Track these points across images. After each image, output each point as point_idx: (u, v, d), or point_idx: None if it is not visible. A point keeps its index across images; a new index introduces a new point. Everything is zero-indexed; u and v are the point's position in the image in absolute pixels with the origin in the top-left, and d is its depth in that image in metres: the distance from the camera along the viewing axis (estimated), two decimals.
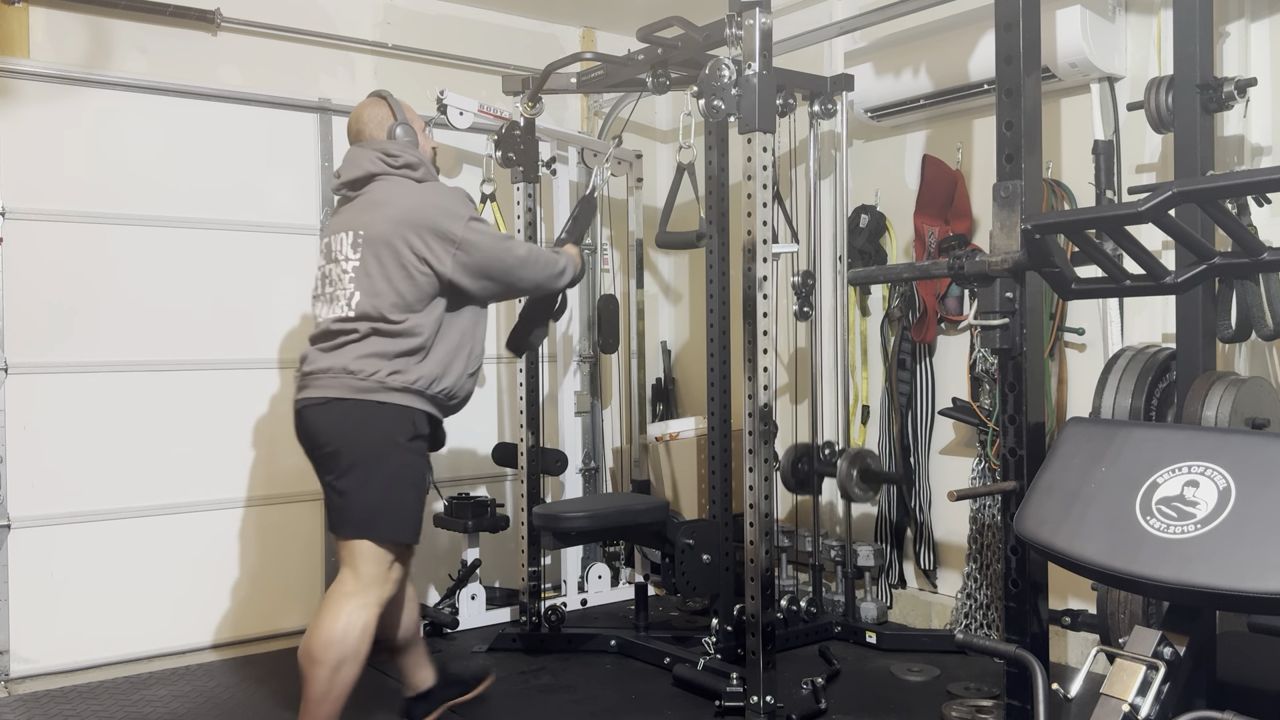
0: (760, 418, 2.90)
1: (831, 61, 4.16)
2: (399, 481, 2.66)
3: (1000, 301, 2.42)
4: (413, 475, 2.69)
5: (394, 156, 2.76)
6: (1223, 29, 2.99)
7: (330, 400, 2.62)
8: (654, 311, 5.02)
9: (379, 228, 2.66)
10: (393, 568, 2.69)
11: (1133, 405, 2.61)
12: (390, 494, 2.64)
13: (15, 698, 3.39)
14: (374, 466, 2.62)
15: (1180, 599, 1.68)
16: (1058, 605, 3.06)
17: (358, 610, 2.60)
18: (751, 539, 2.93)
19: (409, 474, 2.68)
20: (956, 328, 3.79)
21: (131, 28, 3.73)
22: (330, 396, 2.62)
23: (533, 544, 3.81)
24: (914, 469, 3.90)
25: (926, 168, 3.80)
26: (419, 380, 2.64)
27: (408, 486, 2.68)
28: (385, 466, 2.63)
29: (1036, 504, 1.84)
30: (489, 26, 4.57)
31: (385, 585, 2.67)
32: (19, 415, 3.49)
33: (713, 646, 3.41)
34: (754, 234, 2.91)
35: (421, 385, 2.65)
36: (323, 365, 2.65)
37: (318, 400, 2.65)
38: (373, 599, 2.63)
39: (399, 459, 2.64)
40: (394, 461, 2.63)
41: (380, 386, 2.60)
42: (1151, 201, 1.69)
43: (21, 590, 3.48)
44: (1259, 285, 2.65)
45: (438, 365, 2.69)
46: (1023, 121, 2.49)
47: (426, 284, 2.66)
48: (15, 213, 3.50)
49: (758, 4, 2.86)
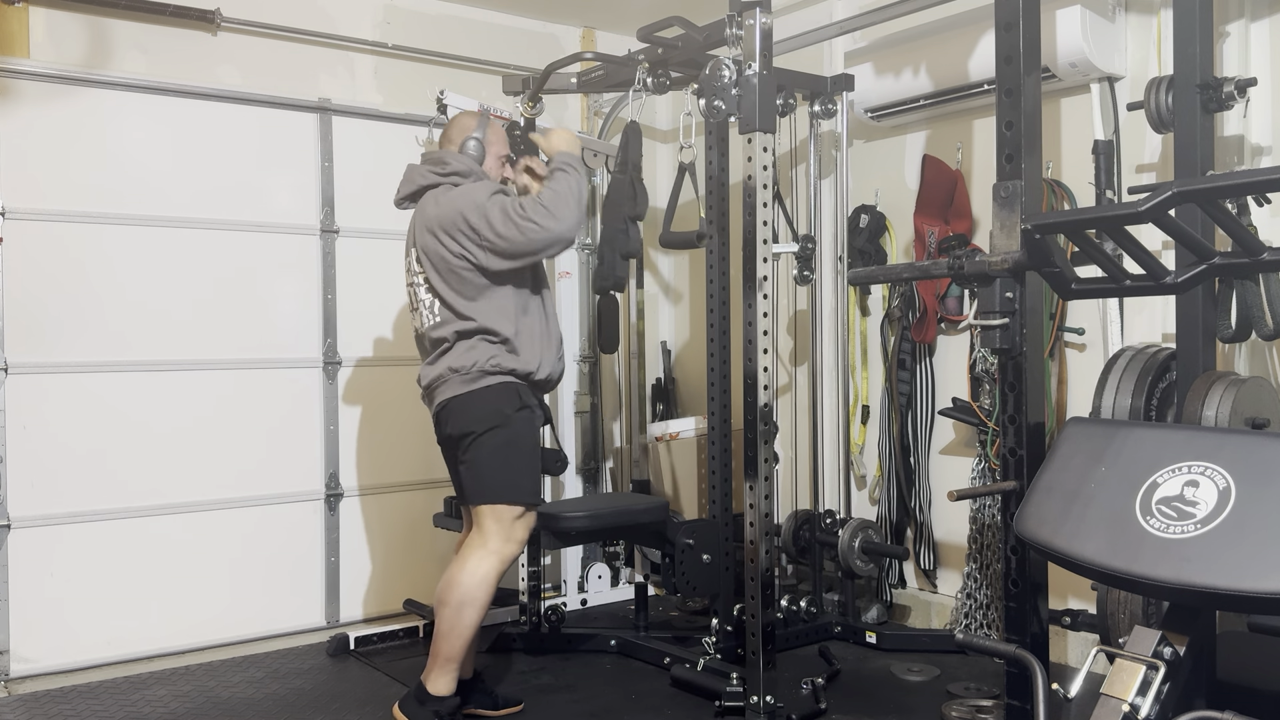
0: (760, 418, 2.91)
1: (831, 61, 4.16)
2: (509, 448, 2.91)
3: (1000, 301, 2.42)
4: (522, 442, 2.94)
5: (444, 165, 2.97)
6: (1223, 29, 2.98)
7: (450, 400, 2.92)
8: (654, 311, 5.02)
9: (425, 238, 2.93)
10: (514, 527, 2.91)
11: (1133, 405, 2.61)
12: (503, 461, 2.90)
13: (15, 698, 3.39)
14: (487, 440, 2.89)
15: (1180, 599, 1.68)
16: (1058, 605, 3.06)
17: (480, 560, 2.87)
18: (751, 539, 2.93)
19: (520, 441, 2.93)
20: (956, 328, 3.79)
21: (131, 28, 3.73)
22: (449, 396, 2.92)
23: (533, 544, 3.80)
24: (914, 469, 3.90)
25: (926, 168, 3.80)
26: (515, 369, 2.91)
27: (517, 453, 2.93)
28: (496, 438, 2.89)
29: (1036, 504, 1.84)
30: (489, 26, 4.57)
31: (509, 544, 2.91)
32: (19, 415, 3.49)
33: (713, 646, 3.41)
34: (754, 234, 2.91)
35: (521, 372, 2.92)
36: (433, 375, 2.95)
37: (441, 404, 2.95)
38: (492, 550, 2.88)
39: (508, 430, 2.90)
40: (504, 433, 2.89)
41: (482, 374, 2.89)
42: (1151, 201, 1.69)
43: (21, 590, 3.48)
44: (1259, 285, 2.65)
45: (528, 351, 2.93)
46: (1023, 121, 2.49)
47: (474, 277, 2.89)
48: (15, 213, 3.50)
49: (758, 4, 2.86)
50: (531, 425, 2.98)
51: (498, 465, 2.90)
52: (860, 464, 4.10)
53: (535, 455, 2.99)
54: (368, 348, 4.17)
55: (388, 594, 4.18)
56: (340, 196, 4.10)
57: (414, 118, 4.15)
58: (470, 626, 2.85)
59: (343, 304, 4.10)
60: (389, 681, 3.43)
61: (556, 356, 3.06)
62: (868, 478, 4.11)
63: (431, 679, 2.86)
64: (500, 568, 2.89)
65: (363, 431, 4.13)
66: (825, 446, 3.98)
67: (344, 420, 4.10)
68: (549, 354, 3.02)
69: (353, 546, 4.13)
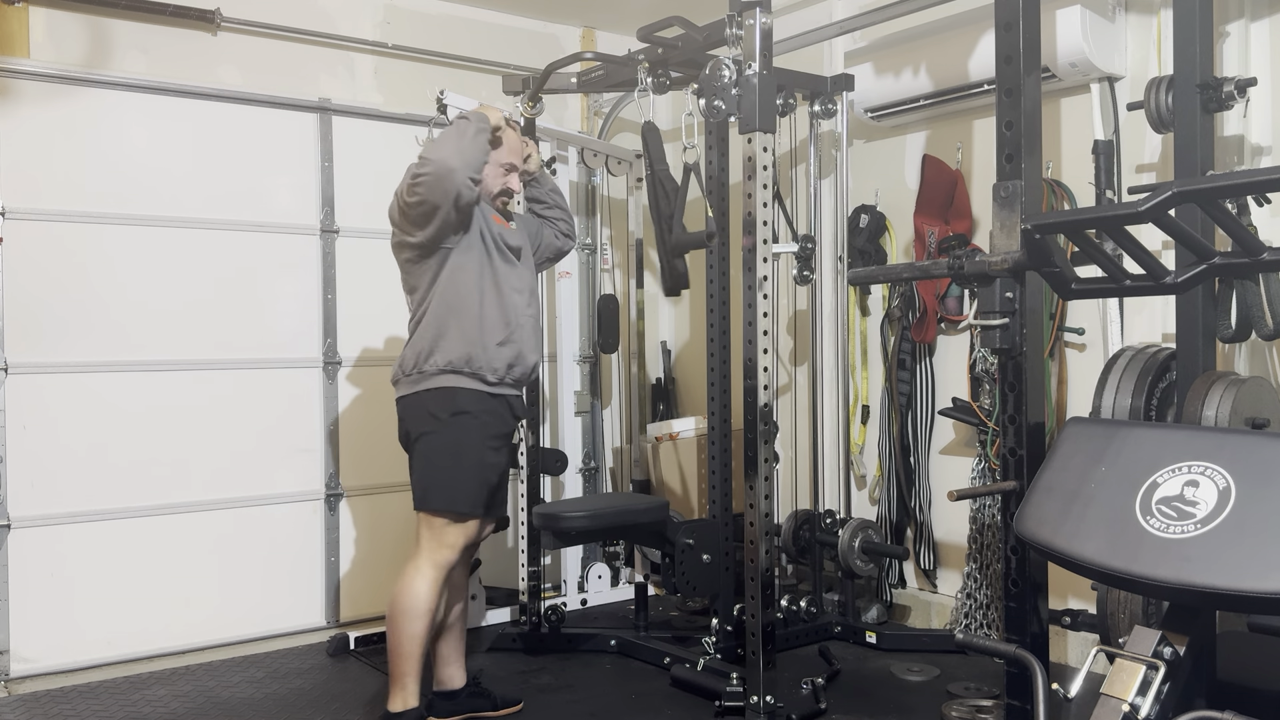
0: (760, 418, 2.91)
1: (831, 61, 4.16)
2: (440, 454, 2.86)
3: (1000, 301, 2.42)
4: (457, 448, 2.86)
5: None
6: (1223, 29, 2.98)
7: (398, 400, 2.94)
8: (654, 311, 5.02)
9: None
10: (445, 533, 2.85)
11: (1133, 405, 2.61)
12: (434, 467, 2.86)
13: (15, 698, 3.39)
14: (421, 445, 2.87)
15: (1180, 599, 1.68)
16: (1058, 605, 3.06)
17: (413, 574, 2.84)
18: (751, 539, 2.93)
19: (454, 447, 2.86)
20: (956, 328, 3.79)
21: (131, 28, 3.73)
22: (398, 397, 2.94)
23: (533, 544, 3.81)
24: (914, 469, 3.90)
25: (926, 168, 3.80)
26: (455, 363, 2.85)
27: (449, 458, 2.86)
28: (428, 444, 2.86)
29: (1036, 504, 1.84)
30: (489, 26, 4.57)
31: (439, 551, 2.85)
32: (19, 415, 3.49)
33: (713, 646, 3.41)
34: (754, 234, 2.91)
35: (466, 369, 2.85)
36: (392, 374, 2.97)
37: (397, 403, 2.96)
38: (424, 563, 2.84)
39: (440, 436, 2.85)
40: (435, 439, 2.85)
41: (421, 374, 2.87)
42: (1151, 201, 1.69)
43: (21, 590, 3.48)
44: (1259, 285, 2.65)
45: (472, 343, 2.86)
46: (1023, 121, 2.49)
47: (413, 262, 2.89)
48: (15, 213, 3.50)
49: (758, 4, 2.86)
50: (472, 431, 2.87)
51: (428, 471, 2.85)
52: (860, 464, 4.10)
53: (474, 462, 2.87)
54: (368, 348, 4.17)
55: (388, 594, 4.15)
56: (340, 196, 4.10)
57: (414, 118, 4.15)
58: (414, 639, 2.80)
59: (343, 304, 4.10)
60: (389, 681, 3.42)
61: (515, 347, 2.93)
62: (868, 478, 4.11)
63: (390, 698, 2.84)
64: (435, 576, 2.83)
65: (363, 431, 4.13)
66: (825, 446, 3.98)
67: (344, 420, 4.10)
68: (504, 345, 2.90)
69: (352, 546, 4.13)
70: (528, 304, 3.02)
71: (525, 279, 3.06)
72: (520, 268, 3.04)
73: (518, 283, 3.00)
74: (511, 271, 2.98)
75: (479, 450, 2.88)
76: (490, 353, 2.88)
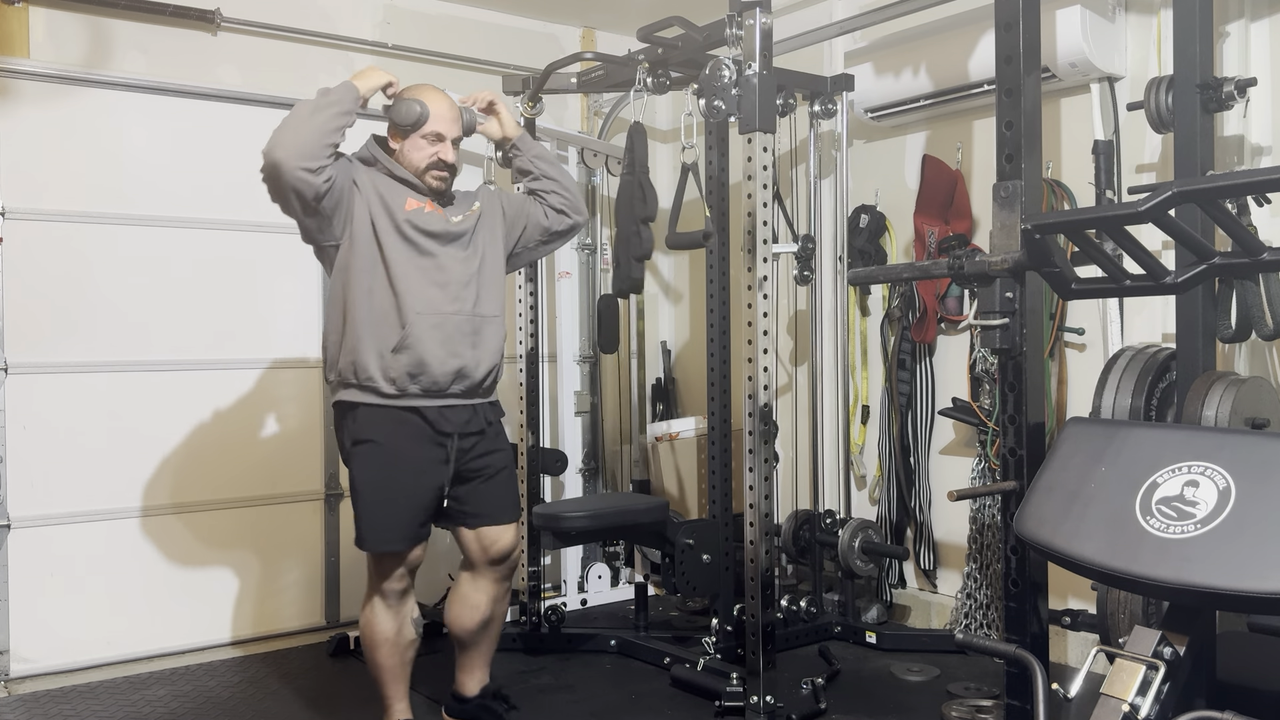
0: (760, 418, 2.90)
1: (831, 61, 4.16)
2: (354, 490, 2.73)
3: (1000, 301, 2.42)
4: (355, 482, 2.71)
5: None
6: (1223, 29, 2.98)
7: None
8: (654, 311, 5.02)
9: None
10: (379, 565, 2.73)
11: (1133, 405, 2.61)
12: (354, 501, 2.73)
13: (15, 698, 3.39)
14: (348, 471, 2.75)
15: (1180, 599, 1.68)
16: (1058, 605, 3.06)
17: (364, 604, 2.79)
18: (751, 539, 2.93)
19: (354, 481, 2.72)
20: (956, 328, 3.79)
21: (131, 28, 3.73)
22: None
23: (533, 544, 3.81)
24: (914, 469, 3.90)
25: (926, 168, 3.80)
26: (341, 371, 2.65)
27: (358, 496, 2.71)
28: (348, 472, 2.74)
29: (1036, 504, 1.84)
30: (489, 26, 4.57)
31: (374, 581, 2.75)
32: (19, 415, 3.49)
33: (713, 646, 3.41)
34: (754, 234, 2.91)
35: (357, 379, 2.63)
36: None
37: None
38: (367, 593, 2.77)
39: (352, 468, 2.71)
40: (351, 471, 2.71)
41: (330, 386, 2.73)
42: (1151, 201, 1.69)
43: (21, 590, 3.48)
44: (1259, 285, 2.65)
45: (343, 348, 2.63)
46: (1023, 121, 2.49)
47: (324, 263, 2.73)
48: (15, 213, 3.50)
49: (758, 4, 2.86)
50: (372, 463, 2.62)
51: (353, 501, 2.74)
52: (860, 464, 4.10)
53: (381, 499, 2.64)
54: None
55: None
56: None
57: None
58: (378, 665, 2.77)
59: None
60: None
61: (413, 353, 2.58)
62: (868, 478, 4.11)
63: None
64: (378, 603, 2.74)
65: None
66: (825, 446, 3.98)
67: None
68: (399, 352, 2.58)
69: (353, 546, 4.11)
70: (455, 298, 2.66)
71: (456, 270, 2.68)
72: (449, 256, 2.68)
73: (440, 275, 2.65)
74: (429, 262, 2.64)
75: (385, 486, 2.64)
76: (385, 360, 2.58)
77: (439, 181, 2.74)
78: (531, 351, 3.83)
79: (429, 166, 2.72)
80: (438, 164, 2.72)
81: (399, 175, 2.72)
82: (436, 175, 2.73)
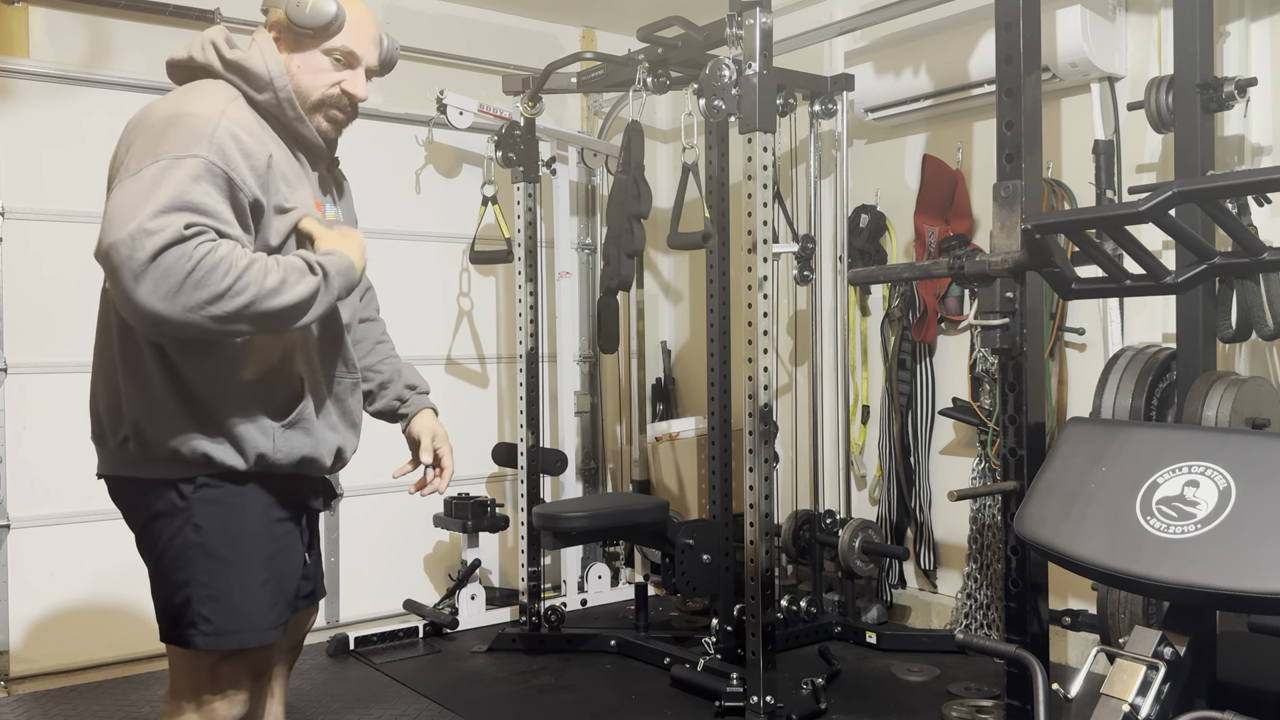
0: (760, 418, 2.91)
1: (831, 61, 4.16)
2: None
3: (1000, 301, 2.42)
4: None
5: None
6: (1223, 29, 2.98)
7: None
8: (654, 311, 5.02)
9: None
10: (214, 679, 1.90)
11: (1133, 405, 2.61)
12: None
13: (15, 698, 3.39)
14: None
15: (1180, 599, 1.68)
16: (1058, 605, 3.06)
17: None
18: (751, 539, 2.93)
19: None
20: (956, 328, 3.79)
21: (131, 28, 3.73)
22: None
23: (533, 544, 3.81)
24: (914, 469, 3.89)
25: (926, 168, 3.80)
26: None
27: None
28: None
29: (1036, 504, 1.84)
30: (489, 26, 4.57)
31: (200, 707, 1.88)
32: (19, 415, 3.49)
33: (713, 646, 3.41)
34: (754, 234, 2.91)
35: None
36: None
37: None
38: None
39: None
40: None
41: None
42: (1151, 201, 1.68)
43: (21, 590, 3.48)
44: (1259, 285, 2.65)
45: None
46: (1023, 121, 2.49)
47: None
48: (15, 213, 3.50)
49: (758, 4, 2.86)
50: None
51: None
52: (860, 464, 4.10)
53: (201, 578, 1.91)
54: None
55: (388, 594, 4.18)
56: None
57: (414, 118, 4.15)
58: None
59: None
60: (389, 681, 3.43)
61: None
62: (868, 478, 4.11)
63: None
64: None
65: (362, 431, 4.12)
66: (825, 446, 3.98)
67: None
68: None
69: (353, 546, 4.12)
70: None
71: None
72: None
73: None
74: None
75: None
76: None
77: (332, 125, 1.91)
78: (531, 351, 3.84)
79: (325, 100, 1.87)
80: (339, 98, 1.88)
81: (301, 134, 1.88)
82: (332, 115, 1.90)
